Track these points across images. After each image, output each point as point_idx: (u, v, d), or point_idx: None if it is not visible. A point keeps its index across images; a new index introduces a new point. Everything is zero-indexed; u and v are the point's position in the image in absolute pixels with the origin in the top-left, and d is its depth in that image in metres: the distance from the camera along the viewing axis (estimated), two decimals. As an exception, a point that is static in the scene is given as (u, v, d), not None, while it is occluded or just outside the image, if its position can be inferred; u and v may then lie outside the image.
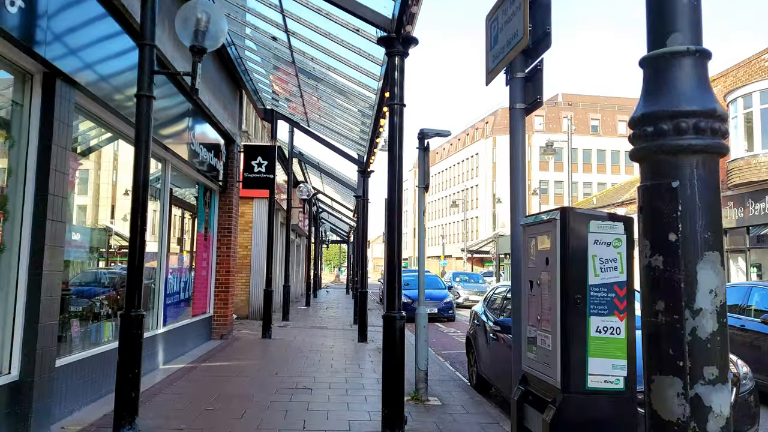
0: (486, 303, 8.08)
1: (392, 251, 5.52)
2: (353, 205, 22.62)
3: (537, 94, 2.90)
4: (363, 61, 8.03)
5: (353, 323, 16.61)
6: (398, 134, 5.57)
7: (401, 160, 5.60)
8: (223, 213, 12.05)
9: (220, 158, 11.48)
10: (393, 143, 5.57)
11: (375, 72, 8.35)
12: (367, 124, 11.58)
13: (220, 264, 11.95)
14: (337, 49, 8.13)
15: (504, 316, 6.87)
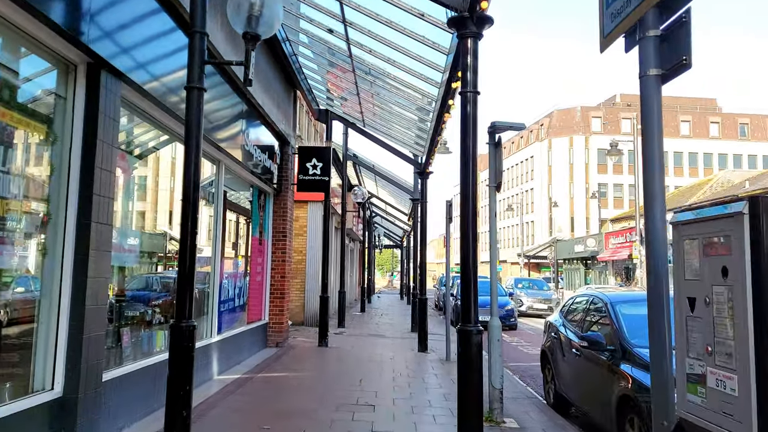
0: (564, 314, 7.33)
1: (467, 255, 4.90)
2: (408, 208, 22.04)
3: (683, 53, 2.23)
4: (426, 51, 7.46)
5: (410, 330, 16.02)
6: (471, 125, 4.95)
7: (475, 154, 4.98)
8: (278, 216, 11.67)
9: (274, 160, 11.12)
10: (466, 135, 4.95)
11: (439, 63, 7.77)
12: (425, 124, 11.00)
13: (275, 269, 11.57)
14: (399, 38, 7.59)
15: (592, 329, 6.12)
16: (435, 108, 8.81)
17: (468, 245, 4.91)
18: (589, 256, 35.41)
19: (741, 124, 60.47)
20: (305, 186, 11.94)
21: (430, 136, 10.21)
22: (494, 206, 6.47)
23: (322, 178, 11.88)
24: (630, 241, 28.61)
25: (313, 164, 11.92)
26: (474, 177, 4.97)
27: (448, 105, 7.59)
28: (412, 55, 7.81)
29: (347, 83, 10.78)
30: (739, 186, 27.91)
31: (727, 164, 57.75)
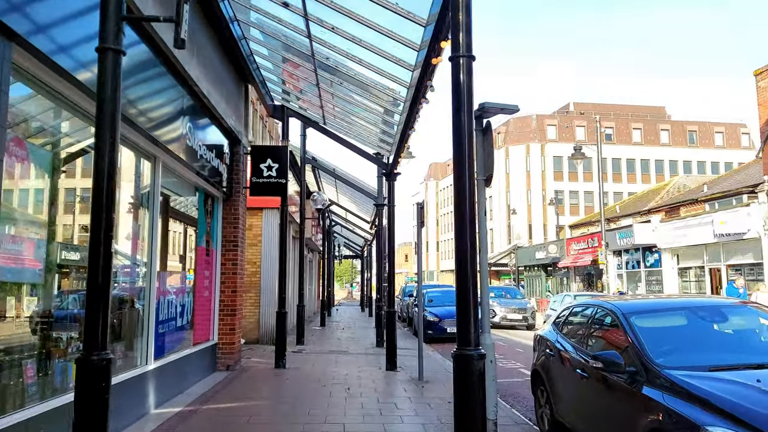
0: (559, 327, 6.38)
1: (464, 259, 3.89)
2: (371, 215, 21.00)
3: None
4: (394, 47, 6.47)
5: (375, 345, 14.95)
6: (466, 97, 3.96)
7: (471, 134, 3.99)
8: (228, 224, 10.46)
9: (223, 161, 9.93)
10: (459, 109, 3.96)
11: (407, 60, 6.81)
12: (393, 117, 10.01)
13: (225, 283, 10.33)
14: (364, 33, 6.59)
15: (601, 346, 5.17)
16: (408, 96, 7.81)
17: (465, 247, 3.90)
18: (551, 262, 35.07)
19: (690, 131, 61.98)
20: (259, 189, 10.77)
21: (400, 131, 9.21)
22: (483, 202, 5.49)
23: (278, 181, 10.73)
24: (592, 246, 28.30)
25: (267, 165, 10.77)
26: (470, 163, 3.97)
27: (421, 100, 6.61)
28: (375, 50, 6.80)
29: (305, 74, 9.70)
30: (697, 190, 27.98)
31: (677, 170, 58.95)
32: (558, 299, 16.11)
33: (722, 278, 19.23)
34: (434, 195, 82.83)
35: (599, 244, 27.71)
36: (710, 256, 19.97)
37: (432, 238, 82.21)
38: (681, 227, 20.77)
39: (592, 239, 28.64)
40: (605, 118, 62.45)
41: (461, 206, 3.92)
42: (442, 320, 16.80)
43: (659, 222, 22.25)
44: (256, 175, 10.78)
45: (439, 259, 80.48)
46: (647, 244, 22.65)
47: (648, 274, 23.93)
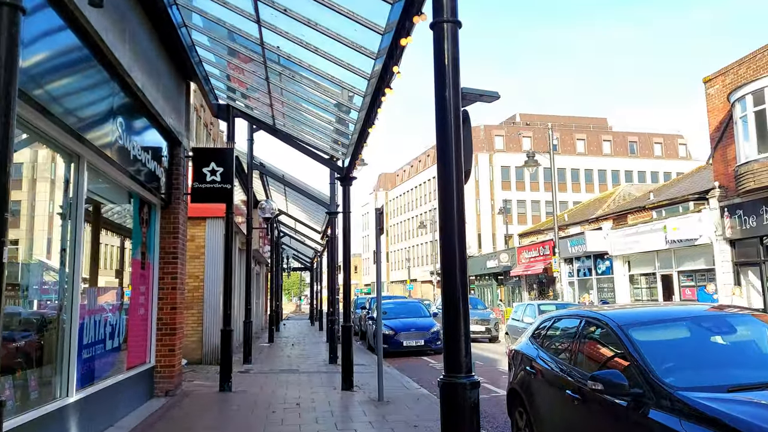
0: (538, 341, 5.78)
1: (452, 264, 3.22)
2: (322, 225, 20.18)
3: None
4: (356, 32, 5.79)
5: (328, 362, 14.12)
6: (451, 71, 3.32)
7: (458, 114, 3.33)
8: (167, 234, 9.50)
9: (161, 164, 9.00)
10: (444, 85, 3.31)
11: (370, 47, 6.15)
12: (347, 121, 9.32)
13: (164, 299, 9.35)
14: (321, 15, 5.89)
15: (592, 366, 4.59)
16: (368, 90, 7.12)
17: (453, 249, 3.24)
18: (502, 271, 35.00)
19: (630, 142, 63.87)
20: (202, 196, 9.85)
21: (359, 129, 8.51)
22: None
23: (223, 186, 9.85)
24: (543, 255, 28.30)
25: (211, 169, 9.87)
26: (458, 153, 3.31)
27: (391, 73, 5.93)
28: (331, 35, 6.10)
29: (253, 65, 8.89)
30: (644, 198, 28.42)
31: (619, 180, 60.54)
32: (520, 309, 15.62)
33: (674, 284, 19.36)
34: (384, 205, 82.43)
35: (551, 252, 27.74)
36: (662, 262, 20.10)
37: (381, 248, 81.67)
38: (632, 234, 20.86)
39: (543, 247, 28.66)
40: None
41: (447, 202, 3.27)
42: (398, 333, 16.11)
43: (610, 229, 22.35)
44: (198, 181, 9.86)
45: (389, 270, 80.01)
46: (599, 251, 22.69)
47: (600, 282, 23.99)
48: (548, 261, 27.65)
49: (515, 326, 15.57)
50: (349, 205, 10.44)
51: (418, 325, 16.44)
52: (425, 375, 12.72)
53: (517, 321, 15.47)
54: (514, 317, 15.86)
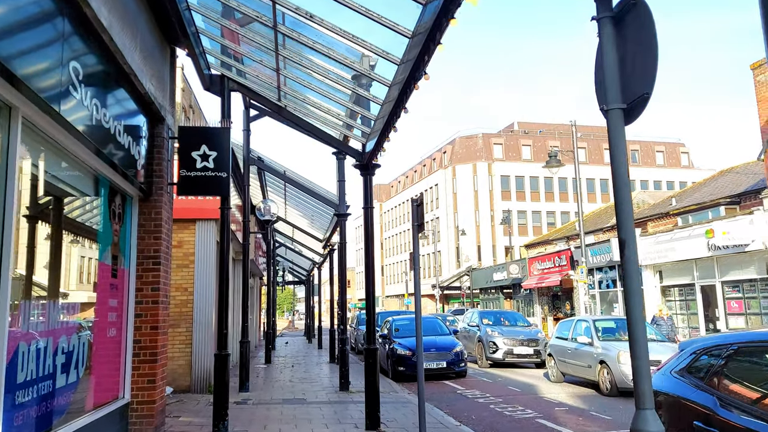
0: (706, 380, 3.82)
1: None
2: (325, 231, 18.18)
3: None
4: None
5: (339, 389, 12.11)
6: None
7: None
8: (147, 233, 7.52)
9: (138, 143, 7.04)
10: None
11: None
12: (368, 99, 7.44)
13: (143, 316, 7.36)
14: None
15: None
16: (406, 56, 5.24)
17: None
18: (511, 283, 33.06)
19: (632, 150, 62.50)
20: (191, 186, 7.92)
21: (392, 105, 6.60)
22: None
23: (217, 175, 7.93)
24: (559, 265, 26.43)
25: (202, 154, 7.95)
26: None
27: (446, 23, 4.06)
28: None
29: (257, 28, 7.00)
30: (664, 204, 26.71)
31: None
32: (568, 326, 13.43)
33: (717, 296, 17.53)
34: (378, 217, 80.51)
35: (568, 263, 25.87)
36: (702, 271, 18.28)
37: (377, 261, 79.65)
38: (666, 241, 19.06)
39: (558, 257, 26.80)
40: (550, 137, 62.31)
41: None
42: (415, 354, 14.07)
43: (639, 236, 20.53)
44: (186, 167, 7.92)
45: (384, 284, 77.90)
46: (627, 261, 20.80)
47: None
48: (565, 272, 25.78)
49: (563, 348, 13.44)
50: (371, 199, 8.53)
51: (438, 344, 14.42)
52: (457, 405, 10.73)
53: (565, 340, 13.44)
54: (559, 335, 13.80)
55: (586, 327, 12.74)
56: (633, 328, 2.92)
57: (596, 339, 12.11)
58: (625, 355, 10.93)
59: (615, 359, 11.13)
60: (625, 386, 10.92)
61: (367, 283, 8.43)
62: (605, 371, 11.37)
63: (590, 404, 10.61)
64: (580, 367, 12.46)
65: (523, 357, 16.16)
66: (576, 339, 12.90)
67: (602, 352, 11.67)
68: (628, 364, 10.90)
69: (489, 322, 17.46)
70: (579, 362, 12.49)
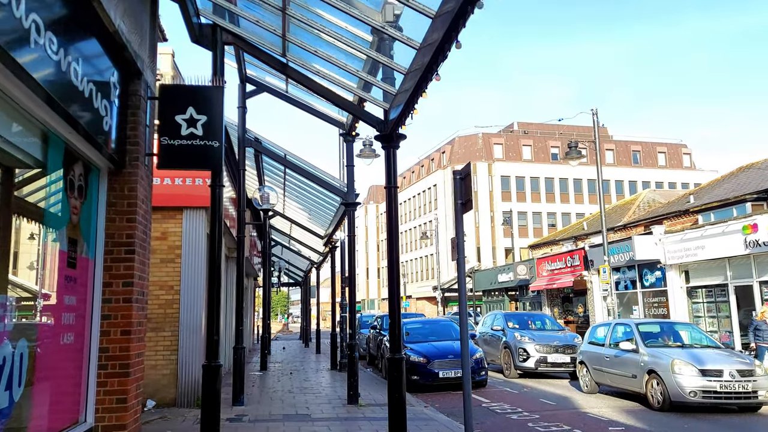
0: None
1: None
2: (328, 226, 16.67)
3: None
4: None
5: (347, 401, 10.62)
6: None
7: None
8: (118, 214, 6.04)
9: (109, 100, 5.57)
10: None
11: None
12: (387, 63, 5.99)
13: (112, 317, 5.87)
14: None
15: None
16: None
17: None
18: (518, 285, 31.63)
19: (633, 151, 61.40)
20: (174, 158, 6.44)
21: (426, 63, 5.17)
22: None
23: (207, 144, 6.47)
24: (572, 266, 25.03)
25: (189, 118, 6.48)
26: None
27: None
28: None
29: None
30: (681, 201, 25.39)
31: (623, 190, 58.00)
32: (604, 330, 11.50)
33: (755, 297, 16.15)
34: (374, 219, 79.02)
35: (581, 263, 24.49)
36: (737, 270, 16.90)
37: (372, 264, 78.16)
38: (695, 238, 17.68)
39: (571, 257, 25.40)
40: (550, 138, 61.08)
41: None
42: (431, 362, 12.59)
43: (663, 234, 19.19)
44: (168, 135, 6.43)
45: (380, 286, 76.41)
46: (650, 260, 19.47)
47: (647, 296, 20.72)
48: (578, 273, 24.38)
49: (598, 355, 11.81)
50: (395, 177, 7.07)
51: (456, 350, 12.90)
52: (487, 423, 9.26)
53: (600, 346, 11.86)
54: (592, 341, 12.34)
55: (627, 331, 11.19)
56: None
57: (642, 345, 10.64)
58: (681, 364, 9.49)
59: (668, 369, 9.68)
60: (681, 400, 9.48)
61: (391, 279, 6.96)
62: (654, 382, 9.94)
63: (644, 422, 9.11)
64: (622, 377, 11.02)
65: (559, 366, 14.24)
66: (615, 345, 11.41)
67: (651, 360, 10.23)
68: (685, 374, 9.47)
69: (515, 325, 15.47)
70: (620, 371, 11.05)
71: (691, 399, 9.45)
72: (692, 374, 9.52)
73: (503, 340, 14.60)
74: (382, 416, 9.34)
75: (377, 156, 17.67)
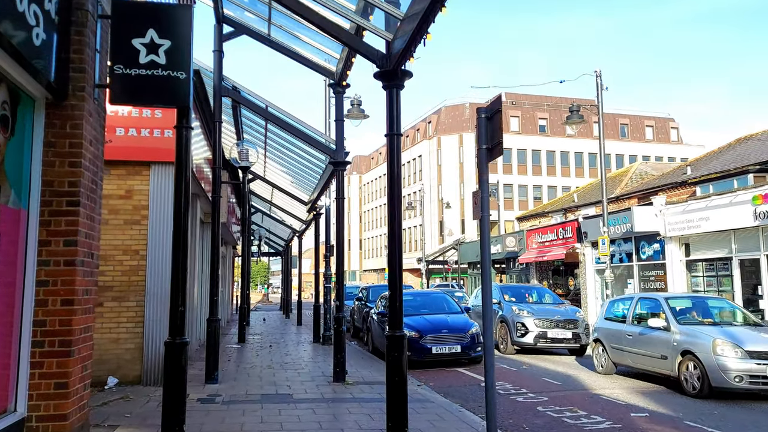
0: None
1: None
2: (312, 191, 15.53)
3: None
4: None
5: (334, 379, 9.66)
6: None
7: None
8: (59, 157, 4.91)
9: (44, 13, 4.37)
10: None
11: None
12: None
13: (50, 283, 4.79)
14: None
15: None
16: None
17: None
18: (506, 257, 30.88)
19: (621, 124, 60.73)
20: (131, 90, 5.30)
21: None
22: None
23: (171, 75, 5.32)
24: (564, 238, 24.25)
25: (149, 42, 5.31)
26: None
27: None
28: None
29: None
30: (676, 172, 24.64)
31: (610, 164, 57.39)
32: (623, 305, 10.42)
33: (762, 271, 15.43)
34: (357, 190, 77.83)
35: (573, 235, 23.72)
36: (742, 243, 16.13)
37: (355, 236, 77.21)
38: (699, 209, 16.86)
39: (563, 229, 24.60)
40: (539, 109, 60.08)
41: None
42: (424, 336, 11.64)
43: (663, 204, 18.36)
44: (123, 62, 5.25)
45: (362, 258, 75.66)
46: (649, 232, 18.68)
47: (643, 269, 19.99)
48: (570, 245, 23.60)
49: (617, 332, 10.57)
50: (399, 123, 5.99)
51: (450, 324, 11.97)
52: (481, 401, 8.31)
53: (620, 323, 10.72)
54: (609, 316, 11.17)
55: (653, 306, 9.98)
56: None
57: (674, 323, 9.36)
58: (724, 344, 8.42)
59: (709, 350, 8.50)
60: (724, 385, 8.36)
61: (391, 244, 5.92)
62: (691, 365, 8.77)
63: (670, 407, 8.14)
64: (648, 357, 9.76)
65: (559, 342, 13.31)
66: (638, 321, 10.20)
67: (685, 339, 8.99)
68: (729, 356, 8.34)
69: (512, 298, 14.46)
70: (646, 351, 9.80)
71: (736, 384, 8.27)
72: (737, 356, 8.32)
73: (499, 314, 13.65)
74: (372, 397, 8.41)
75: (367, 117, 16.49)
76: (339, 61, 9.38)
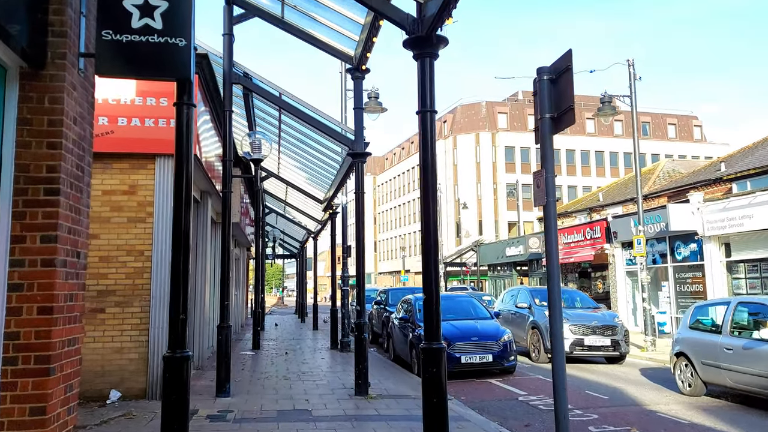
0: None
1: None
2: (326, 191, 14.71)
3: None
4: None
5: (355, 392, 8.82)
6: None
7: None
8: (35, 136, 4.14)
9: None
10: None
11: None
12: None
13: (23, 288, 4.00)
14: None
15: None
16: None
17: None
18: (528, 259, 29.82)
19: (643, 122, 59.29)
20: (122, 59, 4.52)
21: None
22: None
23: (169, 42, 4.54)
24: (592, 238, 23.19)
25: (143, 4, 4.53)
26: None
27: None
28: None
29: None
30: (710, 169, 23.50)
31: (631, 162, 55.91)
32: (711, 312, 9.07)
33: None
34: (371, 191, 77.01)
35: (602, 236, 22.66)
36: (792, 242, 15.04)
37: (369, 237, 76.37)
38: (740, 207, 15.79)
39: (591, 229, 23.53)
40: (557, 108, 58.79)
41: None
42: (453, 345, 10.77)
43: (701, 202, 17.31)
44: (113, 27, 4.46)
45: (377, 260, 74.81)
46: (686, 231, 17.62)
47: (679, 270, 18.90)
48: (599, 246, 22.55)
49: (710, 345, 8.94)
50: (433, 98, 5.14)
51: (480, 332, 11.05)
52: (535, 425, 7.42)
53: (714, 333, 8.96)
54: (695, 326, 9.49)
55: (763, 312, 8.19)
56: None
57: None
58: None
59: None
60: None
61: (426, 239, 5.07)
62: None
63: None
64: (758, 377, 7.95)
65: (597, 350, 12.31)
66: (740, 332, 8.48)
67: None
68: None
69: (543, 302, 13.32)
70: (755, 370, 8.01)
71: None
72: None
73: (530, 320, 12.68)
74: (399, 414, 7.57)
75: (385, 110, 15.60)
76: (358, 43, 8.55)
